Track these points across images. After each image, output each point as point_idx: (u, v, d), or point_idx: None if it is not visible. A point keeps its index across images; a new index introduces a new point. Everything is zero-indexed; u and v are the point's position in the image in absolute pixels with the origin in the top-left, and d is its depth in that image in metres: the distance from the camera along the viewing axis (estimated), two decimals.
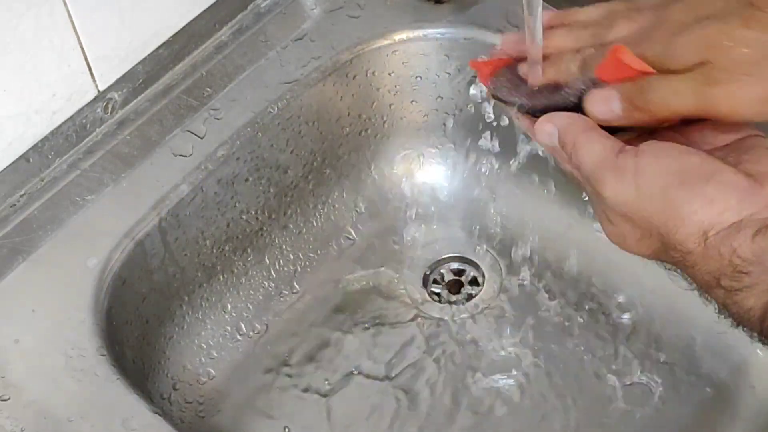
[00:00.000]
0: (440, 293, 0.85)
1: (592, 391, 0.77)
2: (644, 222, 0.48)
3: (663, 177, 0.47)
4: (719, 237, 0.46)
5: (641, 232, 0.49)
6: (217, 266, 0.80)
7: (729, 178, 0.47)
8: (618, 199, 0.48)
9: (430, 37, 0.83)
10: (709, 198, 0.46)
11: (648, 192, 0.47)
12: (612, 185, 0.49)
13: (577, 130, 0.51)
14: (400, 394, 0.78)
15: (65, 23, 0.69)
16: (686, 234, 0.46)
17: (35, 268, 0.69)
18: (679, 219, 0.46)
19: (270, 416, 0.77)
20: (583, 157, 0.50)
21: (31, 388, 0.63)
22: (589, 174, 0.50)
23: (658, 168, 0.48)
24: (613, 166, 0.49)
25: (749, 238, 0.45)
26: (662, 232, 0.47)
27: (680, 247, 0.47)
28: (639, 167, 0.48)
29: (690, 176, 0.47)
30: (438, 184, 0.89)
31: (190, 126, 0.77)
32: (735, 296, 0.46)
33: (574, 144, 0.51)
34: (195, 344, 0.79)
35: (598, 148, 0.50)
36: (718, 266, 0.46)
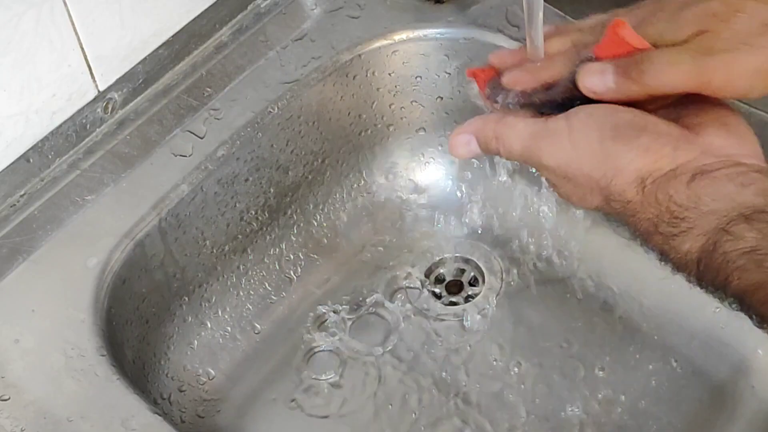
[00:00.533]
0: (440, 293, 0.85)
1: (591, 391, 0.77)
2: (584, 178, 0.49)
3: (597, 131, 0.49)
4: (656, 184, 0.47)
5: (583, 189, 0.50)
6: (217, 266, 0.80)
7: (663, 129, 0.48)
8: (557, 160, 0.50)
9: (430, 37, 0.83)
10: (644, 147, 0.48)
11: (584, 148, 0.49)
12: (548, 150, 0.50)
13: (492, 123, 0.53)
14: (399, 394, 0.78)
15: (65, 23, 0.69)
16: (624, 183, 0.48)
17: (35, 268, 0.69)
18: (616, 169, 0.48)
19: (270, 416, 0.77)
20: (511, 141, 0.52)
21: (31, 388, 0.63)
22: (523, 152, 0.51)
23: (591, 124, 0.49)
24: (545, 133, 0.50)
25: (684, 184, 0.46)
26: (602, 184, 0.49)
27: (620, 197, 0.48)
28: (572, 126, 0.49)
29: (624, 129, 0.48)
30: (438, 184, 0.89)
31: (190, 126, 0.77)
32: (672, 241, 0.47)
33: (497, 137, 0.52)
34: (195, 344, 0.79)
35: (521, 125, 0.52)
36: (656, 212, 0.47)
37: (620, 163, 0.48)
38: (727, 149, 0.48)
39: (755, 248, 0.44)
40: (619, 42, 0.50)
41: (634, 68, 0.49)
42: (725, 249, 0.44)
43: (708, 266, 0.45)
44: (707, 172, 0.46)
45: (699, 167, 0.47)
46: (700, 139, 0.48)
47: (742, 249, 0.44)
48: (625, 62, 0.49)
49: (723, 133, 0.49)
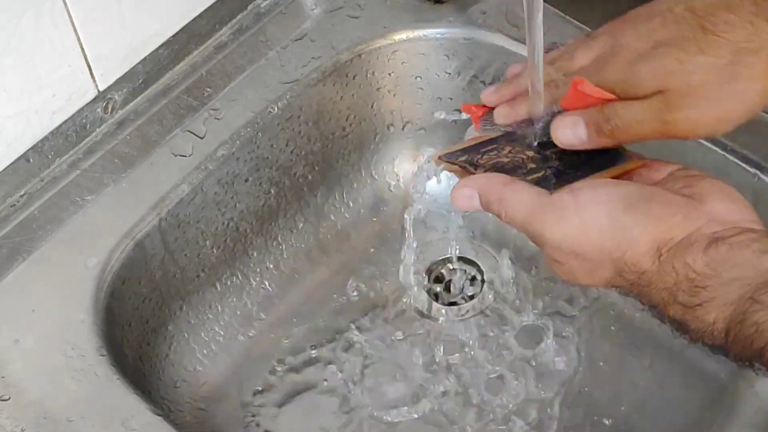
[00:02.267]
0: (440, 293, 0.85)
1: (592, 392, 0.77)
2: (595, 252, 0.49)
3: (606, 205, 0.49)
4: (671, 253, 0.47)
5: (592, 264, 0.50)
6: (217, 266, 0.80)
7: (670, 198, 0.49)
8: (564, 236, 0.49)
9: (430, 37, 0.83)
10: (657, 216, 0.48)
11: (594, 222, 0.49)
12: (553, 225, 0.50)
13: (498, 185, 0.53)
14: (399, 393, 0.78)
15: (65, 23, 0.69)
16: (640, 254, 0.48)
17: (35, 268, 0.69)
18: (631, 240, 0.48)
19: (270, 416, 0.77)
20: (513, 208, 0.52)
21: (31, 388, 0.63)
22: (525, 222, 0.51)
23: (599, 199, 0.49)
24: (551, 207, 0.50)
25: (701, 251, 0.46)
26: (615, 256, 0.48)
27: (635, 268, 0.48)
28: (579, 202, 0.49)
29: (633, 200, 0.49)
30: (438, 184, 0.89)
31: (190, 126, 0.77)
32: (695, 312, 0.46)
33: (500, 200, 0.52)
34: (195, 344, 0.79)
35: (526, 196, 0.51)
36: (674, 282, 0.47)
37: (634, 233, 0.48)
38: (731, 216, 0.48)
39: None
40: (582, 96, 0.52)
41: (605, 125, 0.51)
42: (756, 319, 0.44)
43: (738, 337, 0.45)
44: (721, 239, 0.46)
45: (711, 235, 0.47)
46: (705, 207, 0.48)
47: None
48: (595, 116, 0.52)
49: (724, 200, 0.49)
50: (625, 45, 0.53)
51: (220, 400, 0.78)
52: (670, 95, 0.50)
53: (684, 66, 0.50)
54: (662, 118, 0.50)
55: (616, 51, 0.54)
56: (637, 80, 0.51)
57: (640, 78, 0.51)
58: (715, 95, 0.50)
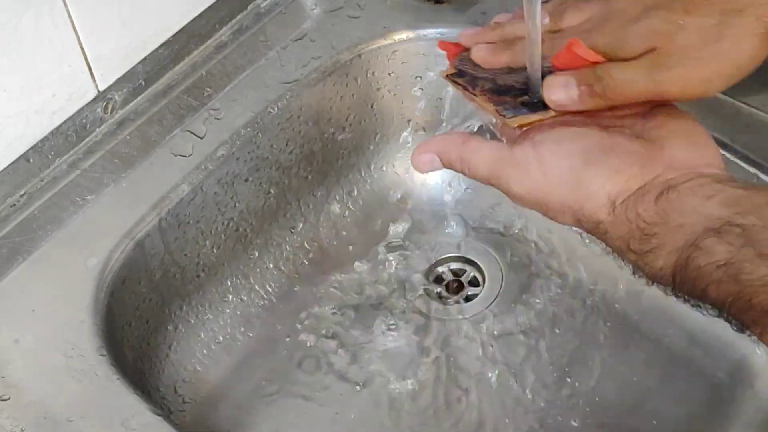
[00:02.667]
0: (440, 293, 0.85)
1: (592, 391, 0.77)
2: (556, 203, 0.51)
3: (567, 159, 0.50)
4: (625, 204, 0.48)
5: (554, 212, 0.51)
6: (217, 266, 0.80)
7: (629, 148, 0.50)
8: (527, 188, 0.51)
9: (430, 37, 0.83)
10: (614, 168, 0.49)
11: (556, 176, 0.50)
12: (517, 179, 0.51)
13: (456, 145, 0.54)
14: (399, 394, 0.78)
15: (65, 23, 0.70)
16: (596, 206, 0.49)
17: (35, 268, 0.69)
18: (589, 194, 0.49)
19: (270, 417, 0.77)
20: (476, 166, 0.53)
21: (31, 388, 0.63)
22: (490, 177, 0.53)
23: (560, 152, 0.51)
24: (512, 162, 0.52)
25: (652, 201, 0.48)
26: (575, 208, 0.50)
27: (592, 218, 0.50)
28: (541, 155, 0.51)
29: (593, 153, 0.50)
30: (438, 184, 0.89)
31: (190, 126, 0.77)
32: (645, 258, 0.48)
33: (461, 158, 0.54)
34: (195, 344, 0.79)
35: (487, 151, 0.53)
36: (626, 231, 0.48)
37: (592, 188, 0.49)
38: (689, 161, 0.49)
39: (729, 261, 0.44)
40: (575, 57, 0.53)
41: (597, 84, 0.52)
42: (698, 263, 0.45)
43: (683, 281, 0.46)
44: (673, 187, 0.48)
45: (665, 182, 0.48)
46: (665, 153, 0.50)
47: (716, 263, 0.45)
48: (587, 77, 0.52)
49: (685, 145, 0.50)
50: (618, 10, 0.54)
51: (220, 400, 0.78)
52: (659, 54, 0.51)
53: (670, 26, 0.51)
54: (652, 78, 0.51)
55: (607, 15, 0.54)
56: (626, 42, 0.52)
57: (629, 40, 0.52)
58: (702, 55, 0.50)
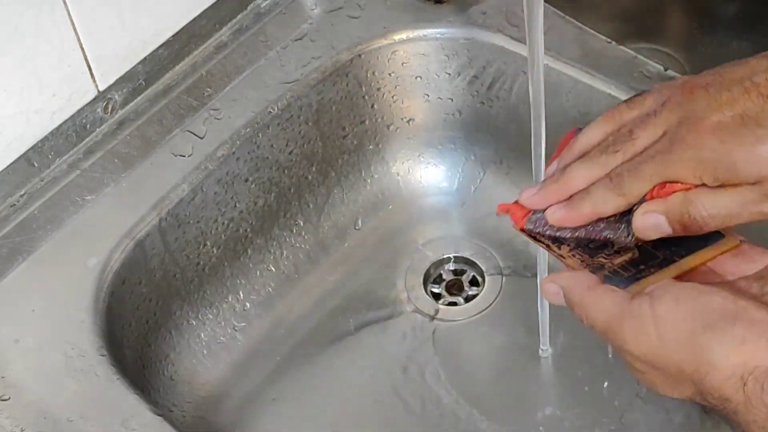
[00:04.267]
0: (440, 293, 0.85)
1: (592, 391, 0.77)
2: (673, 369, 0.46)
3: (686, 322, 0.45)
4: (759, 383, 0.43)
5: (672, 379, 0.46)
6: (217, 266, 0.80)
7: (756, 316, 0.44)
8: (641, 349, 0.47)
9: (430, 37, 0.83)
10: (739, 339, 0.44)
11: (673, 339, 0.45)
12: (632, 337, 0.47)
13: (581, 288, 0.50)
14: (399, 394, 0.78)
15: (65, 23, 0.69)
16: (721, 380, 0.44)
17: (35, 268, 0.69)
18: (711, 364, 0.44)
19: (270, 417, 0.77)
20: (593, 314, 0.49)
21: (31, 388, 0.63)
22: (605, 330, 0.48)
23: (679, 313, 0.45)
24: (629, 317, 0.47)
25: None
26: (695, 378, 0.45)
27: (718, 394, 0.44)
28: (658, 314, 0.46)
29: (714, 318, 0.45)
30: (438, 184, 0.89)
31: (190, 126, 0.77)
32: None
33: (581, 303, 0.50)
34: (195, 344, 0.79)
35: (608, 302, 0.48)
36: (765, 417, 0.43)
37: (714, 357, 0.44)
38: None
39: None
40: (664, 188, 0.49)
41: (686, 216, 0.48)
42: None
43: None
44: None
45: None
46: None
47: None
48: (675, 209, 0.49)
49: None
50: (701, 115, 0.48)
51: (220, 400, 0.78)
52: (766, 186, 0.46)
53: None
54: (759, 210, 0.47)
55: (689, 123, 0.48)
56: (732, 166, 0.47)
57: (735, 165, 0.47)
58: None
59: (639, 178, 0.49)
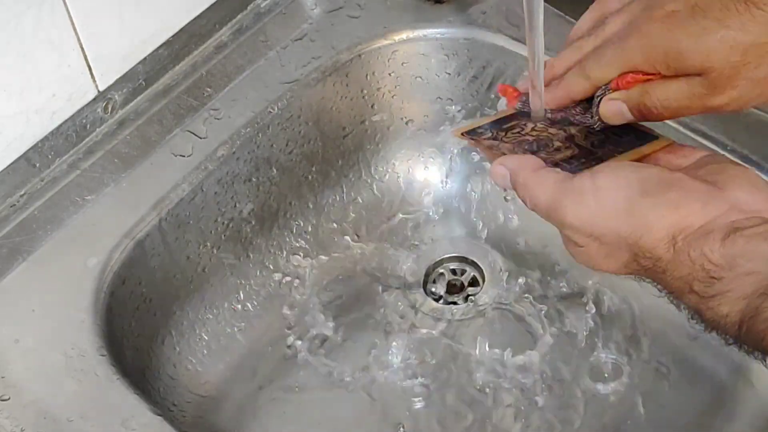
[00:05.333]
0: (440, 293, 0.85)
1: (593, 392, 0.77)
2: (612, 235, 0.48)
3: (624, 189, 0.48)
4: (687, 241, 0.46)
5: (608, 247, 0.49)
6: (217, 266, 0.80)
7: (689, 184, 0.48)
8: (582, 219, 0.49)
9: (430, 37, 0.83)
10: (674, 203, 0.47)
11: (611, 206, 0.48)
12: (573, 208, 0.49)
13: (526, 170, 0.53)
14: (399, 394, 0.78)
15: (65, 23, 0.70)
16: (655, 239, 0.47)
17: (35, 268, 0.69)
18: (646, 226, 0.47)
19: (270, 417, 0.77)
20: (537, 193, 0.51)
21: (31, 388, 0.63)
22: (548, 206, 0.51)
23: (617, 182, 0.49)
24: (570, 191, 0.50)
25: (718, 242, 0.46)
26: (631, 241, 0.48)
27: (650, 253, 0.47)
28: (598, 185, 0.49)
29: (651, 185, 0.48)
30: (438, 184, 0.89)
31: (190, 126, 0.77)
32: (709, 302, 0.46)
33: (525, 184, 0.52)
34: (195, 344, 0.79)
35: (551, 181, 0.51)
36: (689, 271, 0.46)
37: (650, 219, 0.47)
38: (753, 204, 0.47)
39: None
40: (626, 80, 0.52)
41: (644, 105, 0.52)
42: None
43: (750, 331, 0.44)
44: (740, 230, 0.45)
45: (730, 224, 0.46)
46: (727, 194, 0.47)
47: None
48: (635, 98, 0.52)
49: (748, 188, 0.48)
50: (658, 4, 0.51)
51: (220, 400, 0.78)
52: (712, 78, 0.49)
53: (727, 46, 0.48)
54: (704, 103, 0.50)
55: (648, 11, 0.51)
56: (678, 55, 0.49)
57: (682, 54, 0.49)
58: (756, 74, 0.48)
59: (601, 62, 0.53)
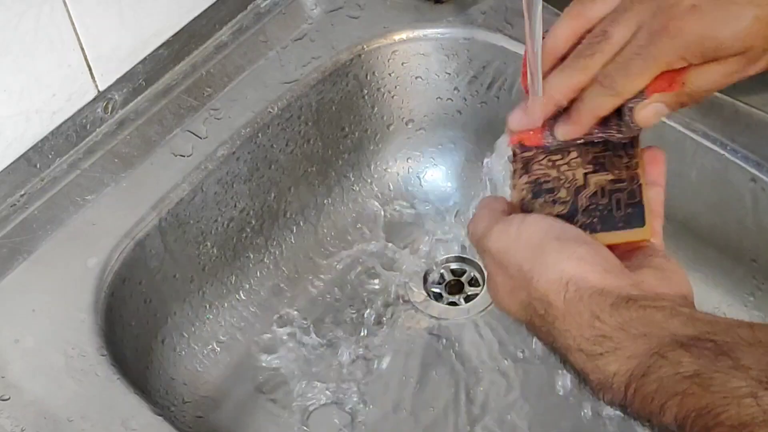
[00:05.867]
0: (440, 293, 0.85)
1: (590, 397, 0.77)
2: (515, 268, 0.48)
3: (543, 230, 0.49)
4: (579, 294, 0.45)
5: (512, 282, 0.49)
6: (217, 266, 0.80)
7: (604, 253, 0.48)
8: (498, 246, 0.50)
9: (430, 37, 0.83)
10: (578, 256, 0.47)
11: (526, 240, 0.49)
12: (496, 235, 0.50)
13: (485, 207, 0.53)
14: (399, 393, 0.78)
15: (65, 23, 0.70)
16: (548, 281, 0.47)
17: (35, 268, 0.69)
18: (545, 266, 0.47)
19: (269, 416, 0.77)
20: (477, 223, 0.52)
21: (31, 388, 0.63)
22: (480, 235, 0.51)
23: (543, 224, 0.49)
24: (502, 221, 0.51)
25: (609, 305, 0.45)
26: (528, 278, 0.48)
27: (542, 296, 0.47)
28: (526, 221, 0.50)
29: (568, 236, 0.49)
30: (438, 184, 0.89)
31: (190, 126, 0.77)
32: (597, 360, 0.44)
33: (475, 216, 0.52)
34: (195, 344, 0.79)
35: (492, 215, 0.52)
36: (577, 325, 0.45)
37: (551, 260, 0.47)
38: (657, 289, 0.46)
39: (698, 372, 0.40)
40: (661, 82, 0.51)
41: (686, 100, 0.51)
42: (661, 374, 0.41)
43: (639, 392, 0.42)
44: (634, 301, 0.45)
45: (625, 295, 0.45)
46: (633, 275, 0.47)
47: (683, 374, 0.41)
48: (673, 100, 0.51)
49: (657, 275, 0.48)
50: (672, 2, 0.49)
51: (220, 400, 0.78)
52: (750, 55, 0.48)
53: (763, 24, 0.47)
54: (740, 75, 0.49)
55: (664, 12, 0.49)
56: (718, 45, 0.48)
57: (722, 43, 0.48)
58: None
59: (630, 75, 0.50)
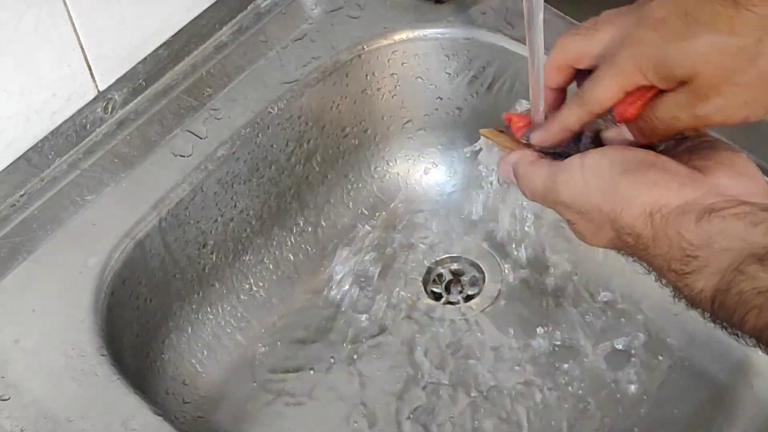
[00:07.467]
0: (440, 293, 0.85)
1: (592, 392, 0.77)
2: (595, 212, 0.51)
3: (608, 167, 0.51)
4: (665, 219, 0.48)
5: (594, 224, 0.51)
6: (217, 266, 0.80)
7: (671, 166, 0.50)
8: (571, 195, 0.52)
9: (430, 37, 0.83)
10: (652, 182, 0.49)
11: (595, 183, 0.51)
12: (563, 186, 0.52)
13: (525, 163, 0.56)
14: (399, 393, 0.78)
15: (65, 23, 0.70)
16: (633, 216, 0.49)
17: (35, 268, 0.69)
18: (625, 202, 0.49)
19: (270, 417, 0.77)
20: (533, 180, 0.54)
21: (31, 388, 0.63)
22: (544, 189, 0.53)
23: (602, 160, 0.51)
24: (562, 171, 0.52)
25: (693, 222, 0.47)
26: (612, 217, 0.50)
27: (630, 230, 0.49)
28: (585, 163, 0.51)
29: (633, 164, 0.50)
30: (438, 184, 0.89)
31: (190, 126, 0.77)
32: (686, 279, 0.48)
33: (525, 174, 0.55)
34: (195, 344, 0.79)
35: (544, 167, 0.54)
36: (667, 249, 0.48)
37: (628, 195, 0.49)
38: (733, 189, 0.49)
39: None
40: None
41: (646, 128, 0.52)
42: (740, 288, 0.45)
43: (723, 305, 0.46)
44: (715, 211, 0.47)
45: (706, 206, 0.48)
46: (707, 179, 0.49)
47: (759, 289, 0.44)
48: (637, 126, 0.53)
49: (730, 173, 0.50)
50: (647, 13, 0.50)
51: (220, 401, 0.78)
52: (696, 86, 0.49)
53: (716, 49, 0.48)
54: (692, 113, 0.50)
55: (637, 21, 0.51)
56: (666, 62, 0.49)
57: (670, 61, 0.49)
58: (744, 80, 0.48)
59: (596, 83, 0.53)
